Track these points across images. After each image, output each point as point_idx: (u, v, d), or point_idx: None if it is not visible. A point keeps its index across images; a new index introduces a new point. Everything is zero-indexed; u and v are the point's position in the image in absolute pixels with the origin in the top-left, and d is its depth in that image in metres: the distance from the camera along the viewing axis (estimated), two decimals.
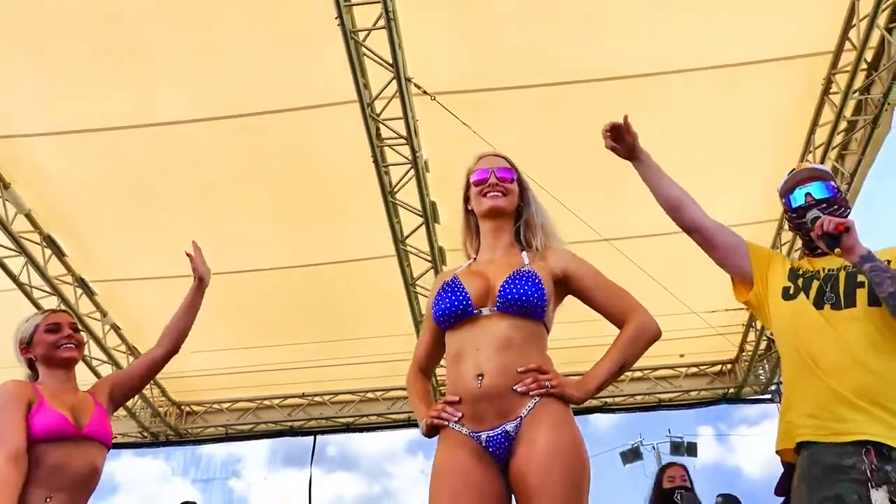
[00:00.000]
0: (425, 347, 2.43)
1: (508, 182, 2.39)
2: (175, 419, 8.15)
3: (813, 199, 2.52)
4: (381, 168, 5.19)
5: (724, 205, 5.87)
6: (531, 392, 2.07)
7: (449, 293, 2.23)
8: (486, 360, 2.11)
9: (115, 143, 5.39)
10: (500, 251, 2.35)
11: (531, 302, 2.16)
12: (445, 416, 2.14)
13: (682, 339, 7.09)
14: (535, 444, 2.02)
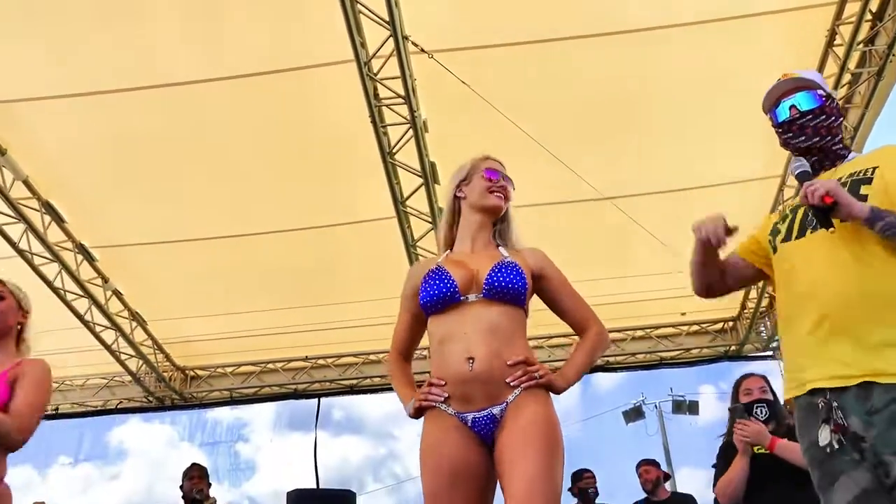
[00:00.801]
0: (405, 332, 2.57)
1: (510, 187, 2.62)
2: (180, 384, 8.20)
3: (798, 111, 2.33)
4: (380, 128, 5.14)
5: (725, 162, 5.85)
6: (522, 385, 2.23)
7: (436, 280, 2.37)
8: (475, 344, 2.25)
9: (112, 107, 5.33)
10: (480, 245, 2.53)
11: (515, 290, 2.33)
12: (433, 398, 2.28)
13: (683, 298, 7.09)
14: (518, 424, 2.18)
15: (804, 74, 2.43)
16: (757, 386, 3.58)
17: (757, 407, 3.46)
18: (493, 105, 5.07)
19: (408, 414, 2.36)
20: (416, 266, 2.62)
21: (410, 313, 2.52)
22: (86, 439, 12.54)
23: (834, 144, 2.35)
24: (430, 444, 2.27)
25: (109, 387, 8.27)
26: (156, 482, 13.72)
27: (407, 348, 2.58)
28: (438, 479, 2.20)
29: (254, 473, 13.34)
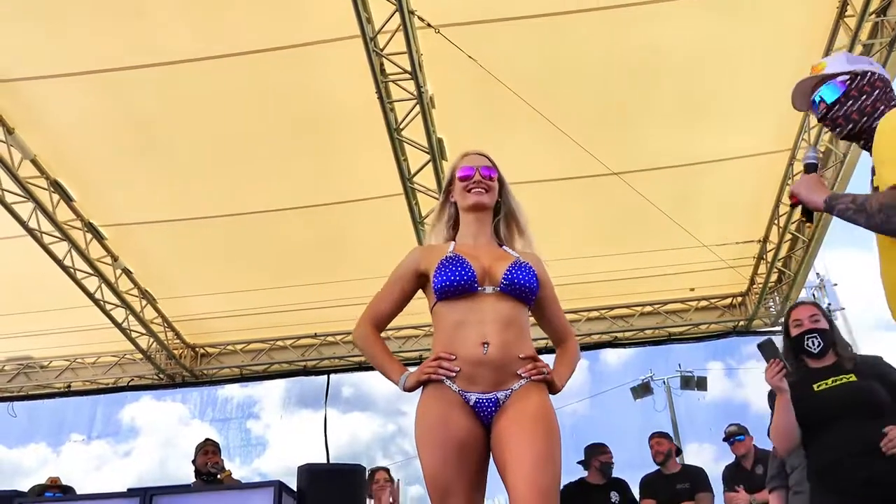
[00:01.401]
0: (388, 306, 2.59)
1: (489, 180, 2.60)
2: (190, 361, 8.26)
3: (826, 105, 2.34)
4: (386, 104, 5.11)
5: (734, 137, 5.81)
6: (532, 376, 2.33)
7: (456, 267, 2.41)
8: (491, 332, 2.32)
9: (119, 85, 5.33)
10: (483, 240, 2.57)
11: (529, 289, 2.43)
12: (443, 372, 2.32)
13: (692, 273, 7.09)
14: (524, 410, 2.27)
15: (829, 64, 2.41)
16: (807, 315, 3.21)
17: (808, 338, 3.14)
18: (501, 80, 5.03)
19: (401, 388, 2.40)
20: (420, 250, 2.64)
21: (401, 292, 2.57)
22: (98, 417, 12.69)
23: (875, 122, 2.21)
24: (433, 420, 2.30)
25: (121, 364, 8.33)
26: (168, 459, 13.90)
27: (382, 320, 2.60)
28: (442, 454, 2.25)
29: (265, 450, 13.49)
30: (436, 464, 2.25)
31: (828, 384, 3.04)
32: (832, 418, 2.95)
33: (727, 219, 6.65)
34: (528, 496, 2.09)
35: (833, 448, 2.91)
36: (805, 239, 6.49)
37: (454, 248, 2.54)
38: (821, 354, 3.11)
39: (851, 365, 3.05)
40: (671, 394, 16.03)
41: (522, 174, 5.74)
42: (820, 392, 3.03)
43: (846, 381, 3.00)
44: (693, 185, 6.20)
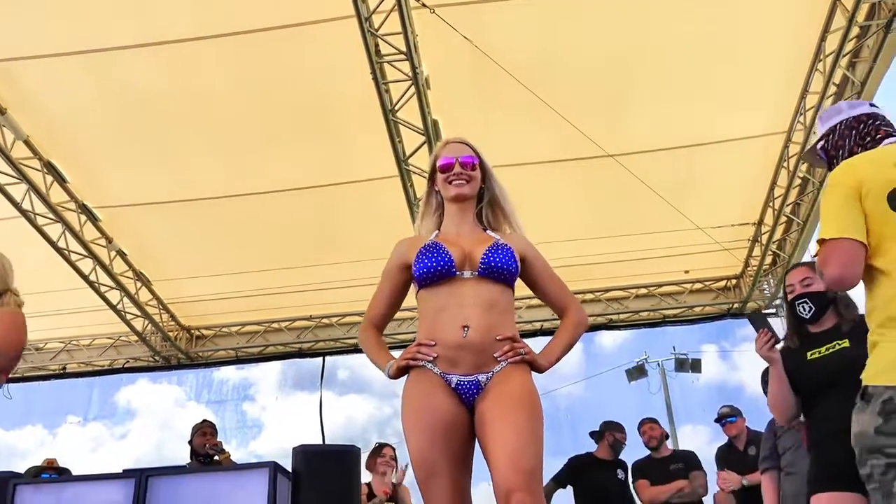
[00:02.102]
0: (382, 305, 2.63)
1: (471, 169, 2.59)
2: (185, 343, 8.26)
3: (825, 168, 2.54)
4: (381, 86, 5.09)
5: (732, 118, 5.80)
6: (508, 359, 2.34)
7: (433, 253, 2.45)
8: (471, 315, 2.35)
9: (112, 66, 5.30)
10: (466, 227, 2.58)
11: (509, 271, 2.44)
12: (421, 356, 2.36)
13: (686, 255, 7.10)
14: (505, 391, 2.29)
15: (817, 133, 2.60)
16: (798, 279, 3.02)
17: (799, 304, 2.97)
18: (496, 61, 5.01)
19: (387, 375, 2.45)
20: (403, 242, 2.65)
21: (392, 288, 2.60)
22: (95, 399, 12.70)
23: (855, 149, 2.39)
24: (416, 404, 2.34)
25: (116, 346, 8.34)
26: (164, 441, 13.94)
27: (380, 321, 2.64)
28: (428, 435, 2.27)
29: (260, 432, 13.53)
30: (421, 445, 2.28)
31: (821, 352, 2.92)
32: (825, 387, 2.85)
33: (722, 201, 6.65)
34: (510, 477, 2.11)
35: (828, 419, 2.81)
36: (800, 221, 6.50)
37: (436, 236, 2.57)
38: (815, 319, 2.96)
39: (848, 328, 2.86)
40: (665, 376, 16.10)
41: (517, 156, 5.74)
42: (812, 361, 2.92)
43: (839, 347, 2.86)
44: (688, 167, 6.19)
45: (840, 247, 2.10)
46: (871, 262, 2.12)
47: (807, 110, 5.59)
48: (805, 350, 2.96)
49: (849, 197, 2.15)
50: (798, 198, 6.36)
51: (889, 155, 2.23)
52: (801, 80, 5.48)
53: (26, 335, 2.73)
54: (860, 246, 2.10)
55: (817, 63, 5.30)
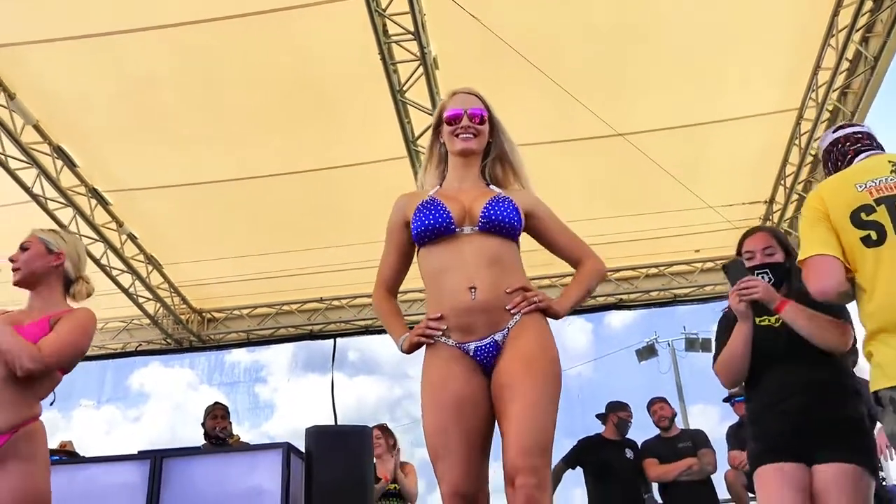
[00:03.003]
0: (392, 266, 2.52)
1: (479, 122, 2.47)
2: (197, 326, 8.31)
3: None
4: (389, 66, 5.07)
5: (742, 96, 5.74)
6: (521, 310, 2.25)
7: (431, 210, 2.34)
8: (476, 274, 2.25)
9: (121, 49, 5.29)
10: (469, 182, 2.47)
11: (510, 224, 2.33)
12: (430, 332, 2.27)
13: (697, 234, 7.07)
14: (518, 351, 2.20)
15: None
16: (760, 247, 2.92)
17: (759, 273, 2.84)
18: (505, 40, 4.97)
19: (400, 349, 2.36)
20: (403, 198, 2.52)
21: (397, 246, 2.49)
22: (108, 382, 12.80)
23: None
24: (433, 379, 2.26)
25: (128, 330, 8.39)
26: (177, 423, 14.04)
27: (393, 283, 2.54)
28: (443, 412, 2.20)
29: (272, 413, 13.61)
30: (433, 422, 2.21)
31: (770, 321, 2.83)
32: (768, 359, 2.79)
33: (733, 179, 6.61)
34: (515, 459, 2.05)
35: (768, 393, 2.79)
36: None
37: (436, 192, 2.45)
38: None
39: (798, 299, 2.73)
40: (676, 356, 16.09)
41: (527, 136, 5.68)
42: (762, 326, 2.83)
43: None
44: (699, 145, 6.15)
45: (814, 263, 2.34)
46: (853, 277, 2.30)
47: (819, 86, 5.54)
48: (755, 316, 2.83)
49: (817, 219, 2.39)
50: (810, 175, 6.30)
51: (851, 177, 2.43)
52: (813, 56, 5.42)
53: (91, 337, 2.77)
54: (832, 259, 2.31)
55: (830, 38, 5.24)
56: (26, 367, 2.53)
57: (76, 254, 2.93)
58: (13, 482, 2.44)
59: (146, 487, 4.36)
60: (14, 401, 2.56)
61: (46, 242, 2.86)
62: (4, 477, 2.44)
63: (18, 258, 2.82)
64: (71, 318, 2.73)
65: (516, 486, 2.03)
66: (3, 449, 2.47)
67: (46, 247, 2.85)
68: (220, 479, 4.43)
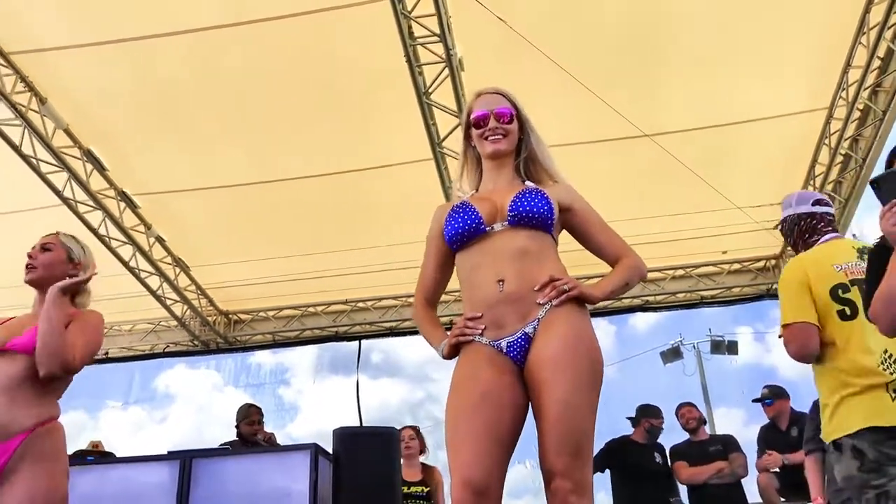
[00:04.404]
0: (431, 276, 2.47)
1: (507, 121, 2.42)
2: (224, 328, 8.38)
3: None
4: (415, 68, 5.08)
5: (771, 95, 5.68)
6: (552, 300, 2.16)
7: (461, 213, 2.31)
8: (505, 267, 2.20)
9: (149, 53, 5.35)
10: (503, 182, 2.42)
11: (541, 214, 2.26)
12: (469, 332, 2.20)
13: (724, 236, 7.00)
14: (550, 339, 2.11)
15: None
16: None
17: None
18: (530, 41, 4.96)
19: (441, 355, 2.29)
20: (440, 208, 2.50)
21: (436, 255, 2.44)
22: (135, 384, 12.94)
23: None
24: (463, 372, 2.19)
25: (156, 331, 8.48)
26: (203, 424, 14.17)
27: (432, 293, 2.49)
28: (464, 403, 2.11)
29: (297, 415, 13.69)
30: (452, 413, 2.12)
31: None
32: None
33: (761, 180, 6.53)
34: (551, 460, 1.98)
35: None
36: (841, 199, 6.35)
37: (471, 196, 2.42)
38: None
39: None
40: (701, 358, 15.96)
41: (552, 137, 5.62)
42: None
43: None
44: (726, 145, 6.09)
45: (802, 329, 2.67)
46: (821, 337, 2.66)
47: (849, 85, 5.47)
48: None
49: (802, 288, 2.71)
50: (840, 175, 6.22)
51: (827, 257, 2.78)
52: (843, 54, 5.35)
53: (103, 323, 2.81)
54: (815, 328, 2.66)
55: (861, 36, 5.17)
56: (56, 371, 2.56)
57: (91, 266, 2.93)
58: (31, 481, 2.46)
59: (176, 487, 4.40)
60: (33, 400, 2.58)
61: (69, 250, 2.87)
62: (23, 475, 2.45)
63: (37, 256, 2.82)
64: (84, 321, 2.75)
65: (552, 491, 1.97)
66: (22, 447, 2.49)
67: (68, 255, 2.86)
68: (248, 480, 4.46)
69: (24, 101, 5.59)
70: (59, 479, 2.55)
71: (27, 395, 2.57)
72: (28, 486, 2.44)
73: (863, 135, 5.77)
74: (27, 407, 2.56)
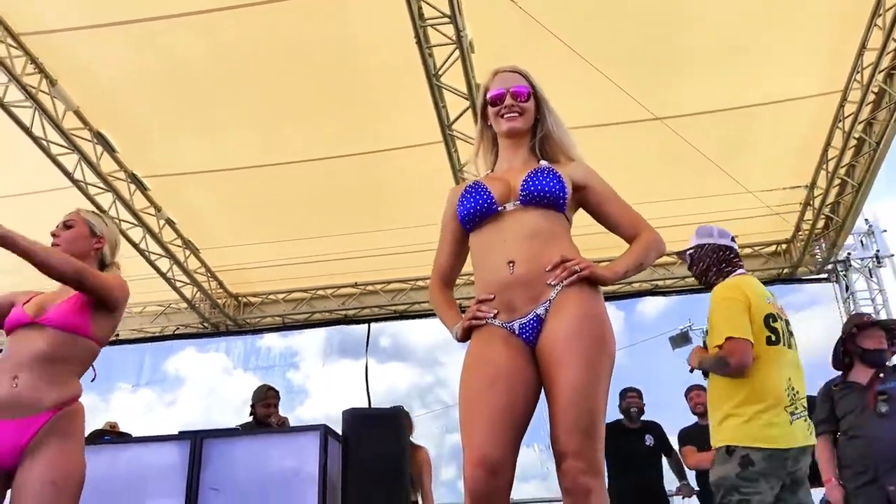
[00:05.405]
0: (446, 257, 2.46)
1: (523, 100, 2.40)
2: (233, 310, 8.41)
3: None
4: (425, 49, 5.05)
5: (784, 78, 5.63)
6: (563, 281, 2.13)
7: (473, 194, 2.30)
8: (515, 248, 2.18)
9: (159, 35, 5.34)
10: (519, 161, 2.40)
11: (553, 193, 2.23)
12: (481, 315, 2.19)
13: (736, 220, 6.94)
14: (561, 321, 2.09)
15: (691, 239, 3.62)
16: None
17: None
18: (541, 23, 4.93)
19: (455, 338, 2.28)
20: (455, 188, 2.49)
21: (451, 236, 2.43)
22: (146, 366, 13.02)
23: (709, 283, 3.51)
24: (477, 353, 2.17)
25: (166, 314, 8.52)
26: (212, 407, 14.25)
27: (448, 275, 2.48)
28: (480, 377, 2.10)
29: (306, 398, 13.75)
30: (465, 393, 2.11)
31: None
32: None
33: (773, 164, 6.49)
34: (563, 439, 1.97)
35: None
36: (855, 184, 6.30)
37: (485, 176, 2.42)
38: None
39: None
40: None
41: (564, 119, 5.64)
42: None
43: None
44: (738, 129, 6.05)
45: (742, 345, 3.13)
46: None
47: (864, 68, 5.40)
48: None
49: (744, 308, 3.20)
50: (853, 159, 6.17)
51: (762, 290, 3.34)
52: (858, 36, 5.29)
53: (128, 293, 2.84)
54: (750, 343, 3.14)
55: (876, 18, 5.10)
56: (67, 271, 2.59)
57: (115, 240, 2.98)
58: (53, 460, 2.48)
59: (186, 467, 4.43)
60: (60, 378, 2.61)
61: (91, 225, 2.90)
62: (46, 453, 2.47)
63: (60, 234, 2.84)
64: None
65: (562, 471, 1.96)
66: (49, 426, 2.52)
67: (91, 229, 2.89)
68: (258, 460, 4.48)
69: (35, 83, 5.60)
70: (80, 458, 2.57)
71: (54, 371, 2.60)
72: (50, 465, 2.47)
73: (877, 118, 5.71)
74: (53, 384, 2.58)
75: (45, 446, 2.49)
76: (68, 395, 2.62)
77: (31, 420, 2.51)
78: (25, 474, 2.46)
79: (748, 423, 3.07)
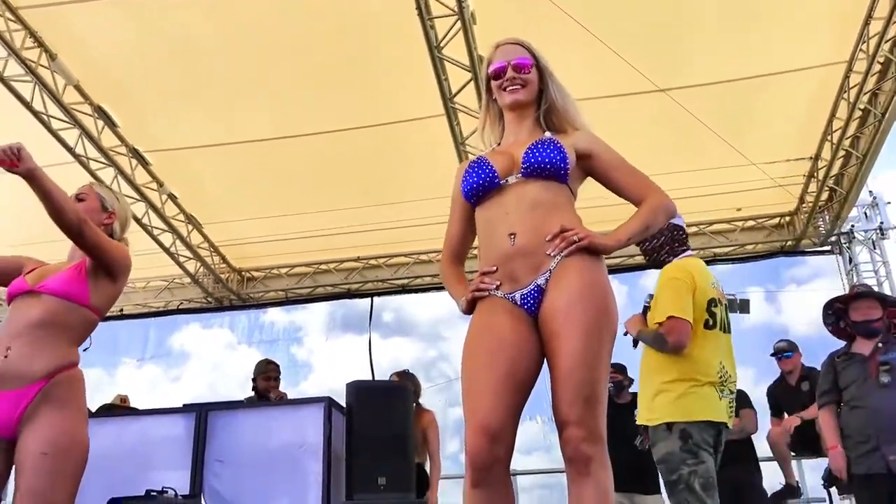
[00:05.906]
0: (455, 233, 2.48)
1: (526, 72, 2.40)
2: (237, 285, 8.42)
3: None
4: (427, 21, 5.00)
5: (788, 49, 5.58)
6: (562, 252, 2.14)
7: (476, 168, 2.32)
8: (517, 220, 2.20)
9: (160, 8, 5.30)
10: (525, 133, 2.40)
11: (554, 164, 2.24)
12: (484, 286, 2.21)
13: (739, 193, 6.93)
14: (562, 290, 2.11)
15: None
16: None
17: None
18: None
19: (461, 310, 2.31)
20: (462, 164, 2.48)
21: (459, 212, 2.45)
22: (150, 341, 13.07)
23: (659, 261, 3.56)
24: (480, 322, 2.20)
25: (170, 289, 8.54)
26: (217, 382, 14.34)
27: (458, 250, 2.50)
28: (484, 346, 2.13)
29: (310, 373, 13.83)
30: (468, 363, 2.14)
31: None
32: None
33: (777, 136, 6.45)
34: (563, 409, 2.00)
35: None
36: (859, 155, 6.26)
37: (491, 150, 2.43)
38: None
39: None
40: None
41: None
42: None
43: None
44: (742, 101, 6.00)
45: (681, 324, 3.25)
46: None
47: (870, 38, 5.35)
48: None
49: (688, 289, 3.32)
50: (858, 130, 6.12)
51: (708, 274, 3.47)
52: (864, 6, 5.23)
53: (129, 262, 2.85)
54: (689, 324, 3.26)
55: None
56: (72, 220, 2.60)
57: (125, 217, 3.01)
58: (51, 427, 2.48)
59: (192, 439, 4.47)
60: (53, 346, 2.61)
61: (102, 199, 2.93)
62: (41, 421, 2.47)
63: None
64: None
65: (564, 440, 1.99)
66: (42, 393, 2.51)
67: (102, 204, 2.92)
68: (263, 432, 4.52)
69: (34, 57, 5.57)
70: (80, 425, 2.57)
71: (49, 339, 2.60)
72: (49, 431, 2.47)
73: (882, 89, 5.66)
74: (48, 350, 2.58)
75: (39, 416, 2.49)
76: (62, 361, 2.60)
77: (24, 391, 2.51)
78: (21, 446, 2.47)
79: (682, 398, 3.22)
